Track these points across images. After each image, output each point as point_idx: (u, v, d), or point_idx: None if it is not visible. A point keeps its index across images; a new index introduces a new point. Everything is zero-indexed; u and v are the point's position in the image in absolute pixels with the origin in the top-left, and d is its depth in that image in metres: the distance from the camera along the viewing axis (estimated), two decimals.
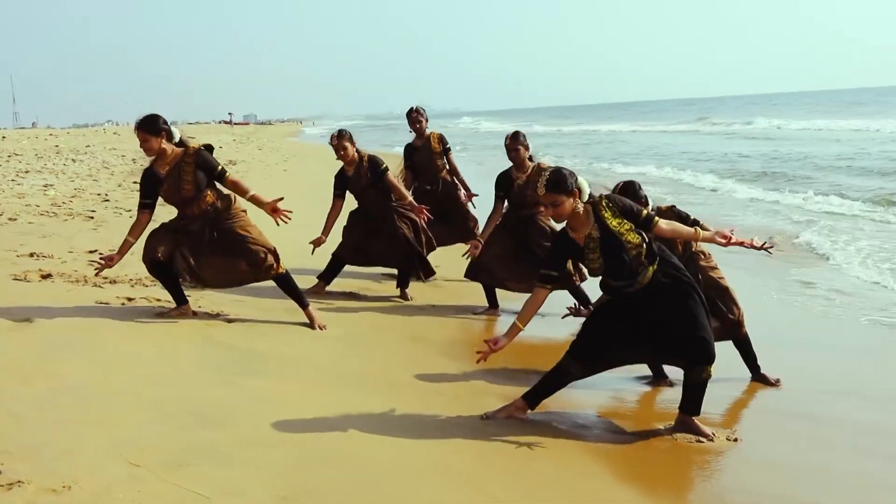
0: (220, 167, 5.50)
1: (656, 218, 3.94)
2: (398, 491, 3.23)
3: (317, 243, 6.69)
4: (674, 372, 4.57)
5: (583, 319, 4.47)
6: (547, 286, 3.96)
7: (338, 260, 7.01)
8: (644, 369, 4.85)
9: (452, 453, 3.65)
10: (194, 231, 5.55)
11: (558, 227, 4.15)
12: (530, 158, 6.37)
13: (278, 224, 5.49)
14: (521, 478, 3.47)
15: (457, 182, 7.79)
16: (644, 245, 3.86)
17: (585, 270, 4.36)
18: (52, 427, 3.52)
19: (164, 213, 6.01)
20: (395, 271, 7.26)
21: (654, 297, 3.89)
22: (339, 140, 6.79)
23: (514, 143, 6.34)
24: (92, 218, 9.96)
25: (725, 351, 4.61)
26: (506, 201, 6.41)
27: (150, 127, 5.41)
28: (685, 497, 3.49)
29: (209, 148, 5.61)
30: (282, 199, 5.43)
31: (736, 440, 4.02)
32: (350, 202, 7.03)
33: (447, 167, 7.77)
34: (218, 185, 5.60)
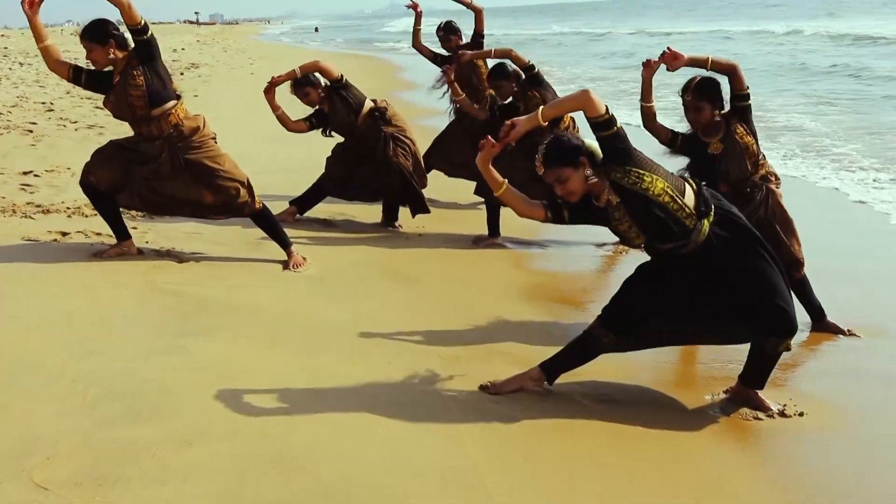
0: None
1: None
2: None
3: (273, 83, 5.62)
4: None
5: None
6: (547, 211, 3.24)
7: (319, 190, 6.07)
8: None
9: (457, 447, 2.85)
10: (151, 155, 4.62)
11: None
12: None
13: None
14: (548, 483, 2.70)
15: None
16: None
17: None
18: None
19: None
20: None
21: (713, 256, 3.12)
22: (296, 90, 5.75)
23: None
24: (31, 132, 8.94)
25: None
26: None
27: (96, 34, 4.45)
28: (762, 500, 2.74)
29: None
30: None
31: (801, 414, 3.27)
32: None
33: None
34: (185, 106, 4.68)
